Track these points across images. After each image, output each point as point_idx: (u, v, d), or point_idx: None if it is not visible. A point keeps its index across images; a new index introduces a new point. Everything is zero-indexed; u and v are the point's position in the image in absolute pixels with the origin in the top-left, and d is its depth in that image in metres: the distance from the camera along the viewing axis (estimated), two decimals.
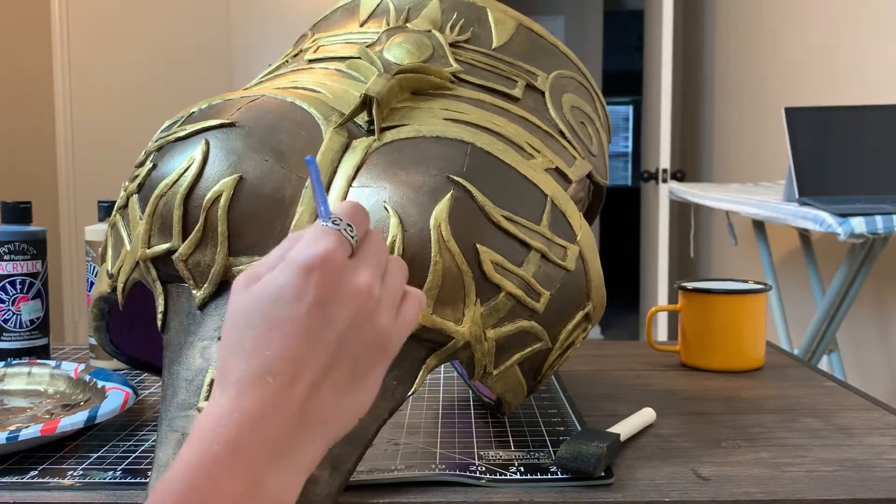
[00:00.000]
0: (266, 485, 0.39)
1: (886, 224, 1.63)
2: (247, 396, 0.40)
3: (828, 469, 0.64)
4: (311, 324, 0.41)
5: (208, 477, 0.38)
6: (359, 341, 0.43)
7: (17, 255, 0.92)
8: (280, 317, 0.41)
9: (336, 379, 0.42)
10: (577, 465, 0.60)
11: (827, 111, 2.00)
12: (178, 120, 0.66)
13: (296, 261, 0.42)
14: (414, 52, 0.68)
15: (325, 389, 0.42)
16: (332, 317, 0.41)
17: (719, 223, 3.44)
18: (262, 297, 0.41)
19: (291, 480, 0.40)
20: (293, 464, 0.40)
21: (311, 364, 0.41)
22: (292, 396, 0.40)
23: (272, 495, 0.39)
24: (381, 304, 0.44)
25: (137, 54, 3.27)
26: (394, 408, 0.58)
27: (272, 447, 0.40)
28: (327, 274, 0.41)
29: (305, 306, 0.41)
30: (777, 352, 1.03)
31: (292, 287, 0.41)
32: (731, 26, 3.40)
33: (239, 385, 0.40)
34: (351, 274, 0.43)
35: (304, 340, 0.41)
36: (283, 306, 0.41)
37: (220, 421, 0.39)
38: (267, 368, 0.40)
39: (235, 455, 0.38)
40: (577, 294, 0.63)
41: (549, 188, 0.63)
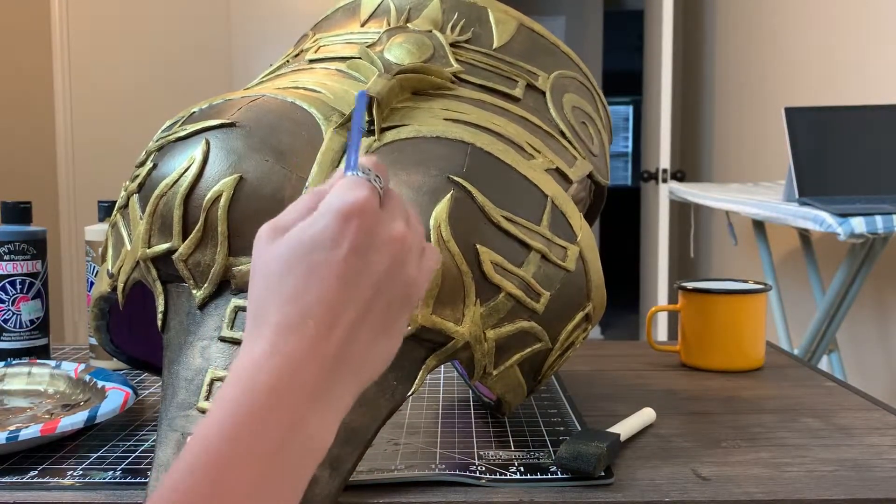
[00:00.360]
0: (306, 426, 0.40)
1: (886, 224, 1.63)
2: (287, 340, 0.40)
3: (828, 469, 0.64)
4: (349, 269, 0.42)
5: (251, 418, 0.38)
6: (392, 288, 0.44)
7: (17, 255, 0.92)
8: (319, 262, 0.42)
9: (371, 324, 0.43)
10: (577, 465, 0.60)
11: (827, 111, 2.00)
12: (178, 120, 0.66)
13: (334, 207, 0.42)
14: (414, 53, 0.68)
15: (361, 334, 0.43)
16: (369, 263, 0.42)
17: (719, 223, 3.44)
18: (300, 244, 0.42)
19: (329, 422, 0.41)
20: (331, 406, 0.41)
21: (349, 309, 0.42)
22: (331, 340, 0.41)
23: (312, 436, 0.40)
24: (410, 253, 0.45)
25: (137, 54, 3.27)
26: (394, 408, 0.58)
27: (311, 389, 0.40)
28: (365, 221, 0.42)
29: (344, 252, 0.42)
30: (777, 352, 1.03)
31: (331, 233, 0.42)
32: (731, 26, 3.40)
33: (278, 329, 0.41)
34: (386, 222, 0.44)
35: (343, 285, 0.42)
36: (321, 252, 0.42)
37: (261, 364, 0.40)
38: (307, 312, 0.41)
39: (277, 397, 0.39)
40: (577, 294, 0.63)
41: (550, 188, 0.63)
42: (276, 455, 0.38)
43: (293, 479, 0.40)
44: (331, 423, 0.42)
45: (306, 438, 0.40)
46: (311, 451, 0.40)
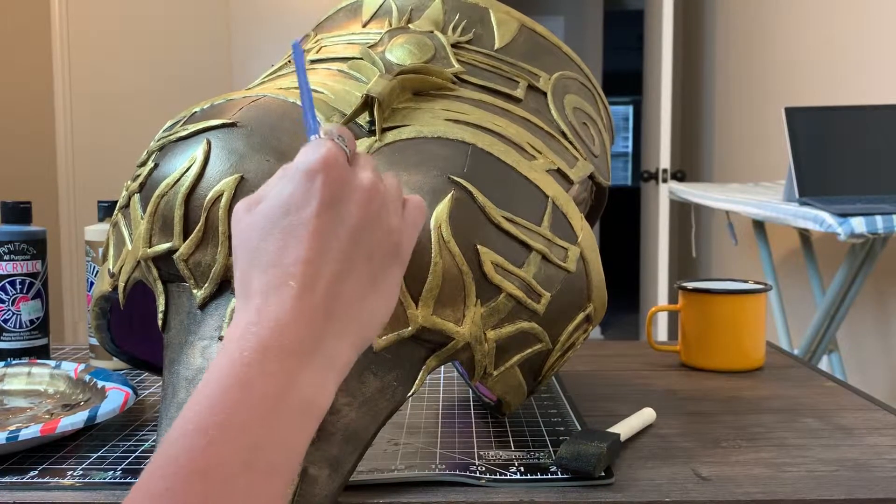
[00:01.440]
0: (298, 385, 0.39)
1: (886, 224, 1.63)
2: (271, 303, 0.41)
3: (828, 469, 0.64)
4: (322, 224, 0.42)
5: (240, 381, 0.38)
6: (371, 238, 0.44)
7: (17, 255, 0.92)
8: (292, 223, 0.42)
9: (356, 278, 0.43)
10: (577, 465, 0.60)
11: (827, 111, 2.00)
12: (180, 120, 0.66)
13: (298, 168, 0.43)
14: (416, 53, 0.68)
15: (346, 288, 0.43)
16: (341, 215, 0.43)
17: (719, 223, 3.44)
18: (272, 210, 0.43)
19: (324, 381, 0.41)
20: (324, 365, 0.41)
21: (328, 263, 0.42)
22: (315, 297, 0.41)
23: (305, 396, 0.40)
24: (386, 202, 0.45)
25: (137, 54, 3.27)
26: (394, 408, 0.58)
27: (301, 348, 0.40)
28: (331, 174, 0.43)
29: (315, 208, 0.42)
30: (777, 352, 1.03)
31: (299, 193, 0.42)
32: (731, 26, 3.40)
33: (262, 294, 0.41)
34: (353, 174, 0.44)
35: (319, 241, 0.42)
36: (293, 213, 0.42)
37: (248, 329, 0.40)
38: (287, 273, 0.41)
39: (265, 358, 0.39)
40: (577, 295, 0.64)
41: (551, 189, 0.63)
42: (269, 418, 0.38)
43: (291, 441, 0.39)
44: (328, 382, 0.41)
45: (301, 399, 0.39)
46: (308, 411, 0.40)
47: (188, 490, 0.35)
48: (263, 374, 0.39)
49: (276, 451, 0.38)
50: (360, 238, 0.43)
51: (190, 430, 0.37)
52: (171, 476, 0.35)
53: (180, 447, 0.36)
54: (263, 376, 0.38)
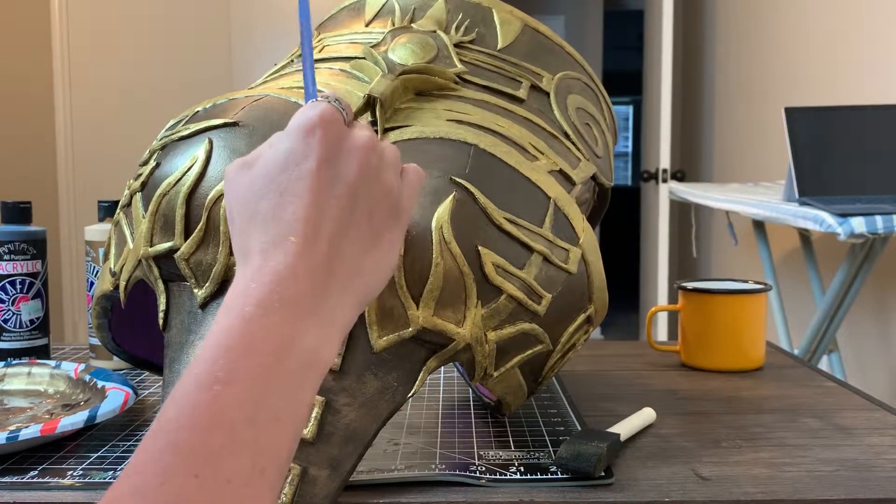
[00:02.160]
0: (301, 341, 0.39)
1: (886, 224, 1.63)
2: (272, 259, 0.41)
3: (828, 469, 0.64)
4: (320, 180, 0.42)
5: (242, 337, 0.38)
6: (370, 194, 0.44)
7: (17, 255, 0.92)
8: (290, 179, 0.42)
9: (356, 234, 0.43)
10: (577, 465, 0.60)
11: (827, 111, 2.00)
12: (182, 119, 0.66)
13: (295, 126, 0.43)
14: (418, 53, 0.68)
15: (347, 244, 0.43)
16: (339, 171, 0.43)
17: (719, 223, 3.44)
18: (270, 167, 0.43)
19: (326, 337, 0.41)
20: (326, 321, 0.41)
21: (328, 218, 0.42)
22: (316, 252, 0.41)
23: (307, 351, 0.40)
24: (383, 161, 0.45)
25: (137, 54, 3.27)
26: (394, 409, 0.58)
27: (303, 304, 0.40)
28: (328, 131, 0.43)
29: (313, 164, 0.42)
30: (777, 352, 1.03)
31: (297, 149, 0.42)
32: (731, 26, 3.40)
33: (262, 252, 0.41)
34: (350, 132, 0.44)
35: (318, 197, 0.42)
36: (291, 170, 0.42)
37: (249, 286, 0.40)
38: (287, 230, 0.41)
39: (267, 314, 0.39)
40: (578, 297, 0.64)
41: (553, 190, 0.63)
42: (272, 373, 0.38)
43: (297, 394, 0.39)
44: (331, 337, 0.41)
45: (304, 353, 0.39)
46: (310, 367, 0.40)
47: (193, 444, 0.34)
48: (265, 330, 0.38)
49: (281, 404, 0.38)
50: (360, 194, 0.43)
51: (192, 389, 0.36)
52: (175, 431, 0.35)
53: (184, 405, 0.36)
54: (265, 332, 0.38)
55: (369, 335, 0.57)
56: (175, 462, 0.34)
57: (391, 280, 0.57)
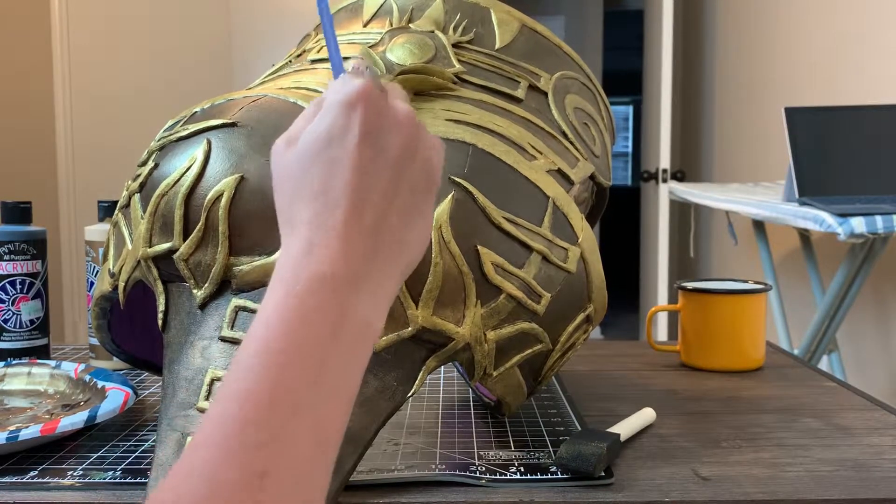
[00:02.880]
0: (354, 311, 0.40)
1: (886, 224, 1.63)
2: (321, 233, 0.41)
3: (828, 469, 0.64)
4: (365, 155, 0.42)
5: (298, 312, 0.38)
6: (411, 167, 0.44)
7: (17, 255, 0.92)
8: (335, 155, 0.42)
9: (400, 205, 0.44)
10: (577, 465, 0.60)
11: (827, 111, 2.00)
12: (180, 119, 0.66)
13: (335, 101, 0.43)
14: (416, 53, 0.68)
15: (392, 216, 0.43)
16: (382, 145, 0.43)
17: (719, 223, 3.44)
18: (314, 142, 0.43)
19: (377, 306, 0.42)
20: (376, 290, 0.42)
21: (375, 191, 0.42)
22: (364, 224, 0.42)
23: (360, 321, 0.40)
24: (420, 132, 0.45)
25: (137, 54, 3.27)
26: (394, 409, 0.58)
27: (354, 275, 0.41)
28: (369, 105, 0.43)
29: (356, 139, 0.42)
30: (777, 352, 1.03)
31: (339, 125, 0.43)
32: (731, 26, 3.40)
33: (311, 226, 0.42)
34: (389, 105, 0.44)
35: (363, 171, 0.42)
36: (336, 145, 0.42)
37: (300, 261, 0.40)
38: (335, 203, 0.42)
39: (321, 287, 0.39)
40: (578, 296, 0.64)
41: (551, 190, 0.63)
42: (329, 345, 0.38)
43: (353, 364, 0.40)
44: (381, 306, 0.42)
45: (358, 323, 0.40)
46: (364, 336, 0.41)
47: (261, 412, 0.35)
48: (320, 304, 0.39)
49: (339, 374, 0.38)
50: (403, 167, 0.44)
51: (254, 362, 0.37)
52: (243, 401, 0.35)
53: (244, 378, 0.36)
54: (320, 306, 0.39)
55: None
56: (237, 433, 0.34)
57: None
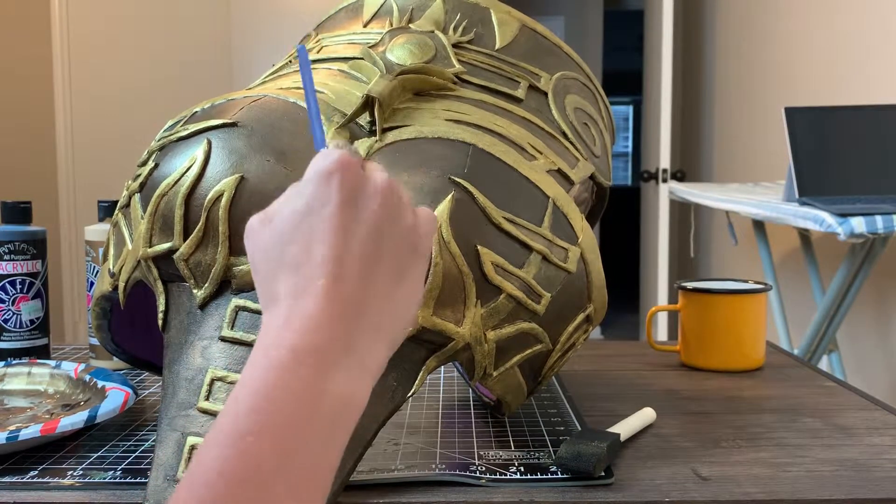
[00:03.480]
0: (334, 384, 0.39)
1: (886, 224, 1.63)
2: (302, 303, 0.41)
3: (828, 469, 0.64)
4: (344, 221, 0.42)
5: (275, 385, 0.38)
6: (393, 233, 0.44)
7: (17, 255, 0.92)
8: (314, 224, 0.42)
9: (383, 273, 0.43)
10: (577, 465, 0.60)
11: (827, 111, 2.00)
12: (180, 119, 0.66)
13: (314, 173, 0.43)
14: (416, 53, 0.68)
15: (374, 285, 0.43)
16: (361, 212, 0.43)
17: (719, 223, 3.44)
18: (291, 216, 0.43)
19: (359, 380, 0.41)
20: (360, 364, 0.41)
21: (355, 259, 0.42)
22: (345, 293, 0.41)
23: (341, 396, 0.39)
24: (402, 201, 0.45)
25: (137, 54, 3.27)
26: (394, 409, 0.58)
27: (334, 348, 0.40)
28: (348, 174, 0.43)
29: (335, 207, 0.42)
30: (777, 352, 1.03)
31: (318, 194, 0.43)
32: (731, 26, 3.40)
33: (290, 296, 0.41)
34: (369, 175, 0.44)
35: (343, 239, 0.42)
36: (315, 214, 0.42)
37: (281, 331, 0.40)
38: (315, 273, 0.41)
39: (301, 358, 0.39)
40: (578, 296, 0.64)
41: (551, 190, 0.63)
42: (305, 422, 0.38)
43: (328, 442, 0.39)
44: (364, 381, 0.41)
45: (337, 399, 0.39)
46: (345, 412, 0.40)
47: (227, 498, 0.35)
48: (298, 378, 0.38)
49: (314, 453, 0.38)
50: (383, 234, 0.43)
51: (223, 440, 0.36)
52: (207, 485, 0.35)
53: (215, 456, 0.36)
54: (298, 379, 0.38)
55: None
56: None
57: None
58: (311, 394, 0.38)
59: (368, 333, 0.42)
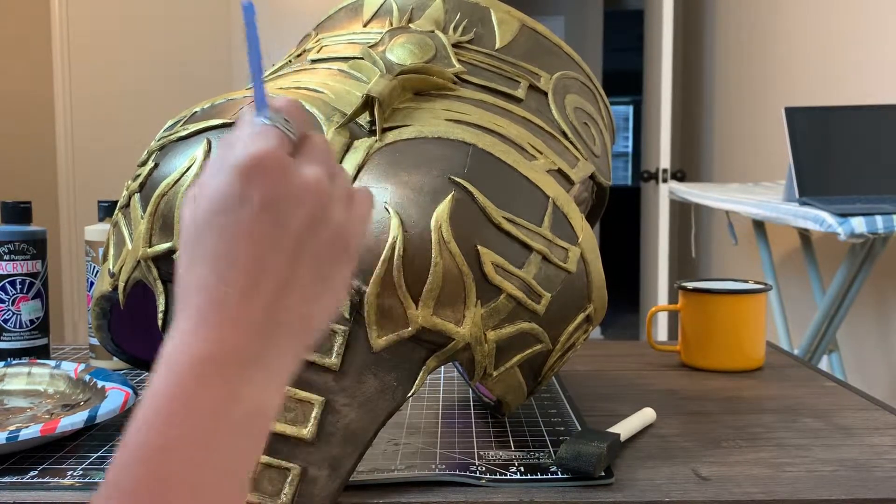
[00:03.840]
0: (241, 395, 0.38)
1: (886, 224, 1.63)
2: (210, 311, 0.38)
3: (828, 469, 0.64)
4: (262, 229, 0.38)
5: (179, 398, 0.36)
6: (318, 241, 0.40)
7: (17, 255, 0.92)
8: (226, 225, 0.38)
9: (302, 280, 0.40)
10: (577, 465, 0.60)
11: (827, 111, 2.00)
12: (180, 119, 0.66)
13: (232, 164, 0.39)
14: (416, 53, 0.68)
15: (291, 297, 0.40)
16: (283, 217, 0.39)
17: (719, 223, 3.44)
18: (206, 206, 0.39)
19: (267, 390, 0.39)
20: (267, 374, 0.39)
21: (270, 271, 0.39)
22: (255, 306, 0.38)
23: (253, 406, 0.38)
24: (332, 198, 0.41)
25: (137, 54, 3.27)
26: (394, 409, 0.58)
27: (242, 358, 0.38)
28: (270, 173, 0.38)
29: (252, 210, 0.38)
30: (777, 352, 1.03)
31: (234, 192, 0.38)
32: (731, 26, 3.40)
33: (203, 300, 0.38)
34: (297, 170, 0.40)
35: (258, 247, 0.38)
36: (228, 213, 0.38)
37: (187, 341, 0.38)
38: (222, 279, 0.38)
39: (206, 369, 0.37)
40: (578, 296, 0.64)
41: (551, 190, 0.63)
42: (212, 435, 0.36)
43: (240, 453, 0.37)
44: (269, 390, 0.39)
45: (247, 409, 0.38)
46: (255, 422, 0.38)
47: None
48: (204, 385, 0.37)
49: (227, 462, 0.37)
50: (304, 241, 0.40)
51: (128, 458, 0.35)
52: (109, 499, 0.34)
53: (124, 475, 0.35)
54: (205, 386, 0.37)
55: (368, 335, 0.57)
56: None
57: (390, 280, 0.57)
58: (216, 406, 0.37)
59: (281, 341, 0.40)
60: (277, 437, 0.55)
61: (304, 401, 0.56)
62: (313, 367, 0.57)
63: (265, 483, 0.55)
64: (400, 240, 0.57)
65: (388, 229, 0.57)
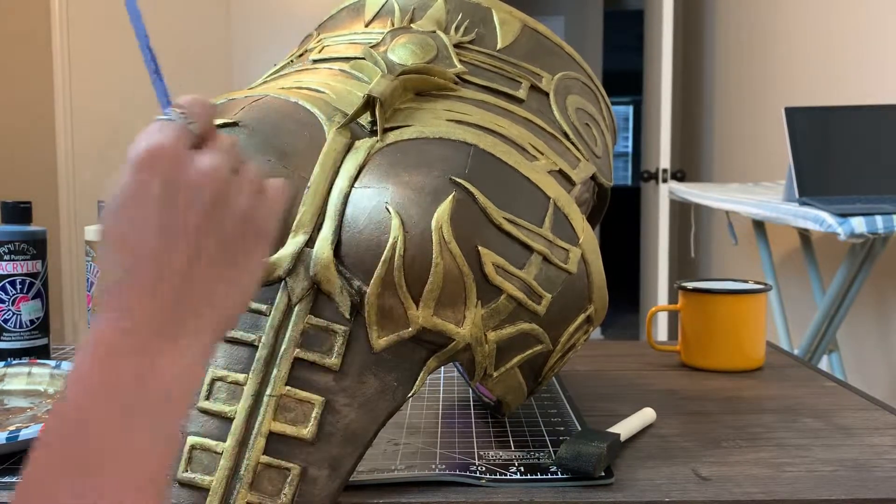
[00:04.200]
0: (155, 376, 0.40)
1: (886, 224, 1.63)
2: (119, 297, 0.41)
3: (828, 469, 0.64)
4: (160, 217, 0.41)
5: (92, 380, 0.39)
6: (221, 225, 0.43)
7: (17, 255, 0.92)
8: (129, 217, 0.41)
9: (208, 265, 0.43)
10: (577, 465, 0.60)
11: (827, 111, 2.00)
12: None
13: (131, 159, 0.42)
14: (418, 53, 0.68)
15: (197, 278, 0.42)
16: (181, 205, 0.42)
17: (719, 223, 3.44)
18: (113, 202, 0.42)
19: (185, 367, 0.42)
20: (183, 352, 0.42)
21: (172, 256, 0.41)
22: (162, 290, 0.41)
23: (166, 385, 0.41)
24: (234, 187, 0.44)
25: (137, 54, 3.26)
26: (394, 409, 0.58)
27: (156, 340, 0.41)
28: (163, 164, 0.41)
29: (150, 201, 0.41)
30: (777, 352, 1.03)
31: (132, 185, 0.41)
32: (731, 26, 3.40)
33: (112, 288, 0.41)
34: (192, 160, 0.42)
35: (158, 234, 0.41)
36: (129, 207, 0.41)
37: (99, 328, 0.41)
38: (129, 269, 0.41)
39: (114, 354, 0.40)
40: (578, 297, 0.64)
41: (552, 190, 0.63)
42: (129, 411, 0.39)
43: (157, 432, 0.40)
44: (187, 367, 0.42)
45: (160, 388, 0.40)
46: (169, 400, 0.41)
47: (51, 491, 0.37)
48: (113, 367, 0.39)
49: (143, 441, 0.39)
50: (207, 228, 0.42)
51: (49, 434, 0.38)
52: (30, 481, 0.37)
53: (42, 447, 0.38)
54: (114, 369, 0.39)
55: (369, 335, 0.57)
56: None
57: (391, 280, 0.57)
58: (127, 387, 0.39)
59: (191, 322, 0.42)
60: (277, 437, 0.55)
61: (304, 401, 0.56)
62: (313, 367, 0.57)
63: (265, 483, 0.55)
64: (400, 240, 0.57)
65: (388, 229, 0.57)
